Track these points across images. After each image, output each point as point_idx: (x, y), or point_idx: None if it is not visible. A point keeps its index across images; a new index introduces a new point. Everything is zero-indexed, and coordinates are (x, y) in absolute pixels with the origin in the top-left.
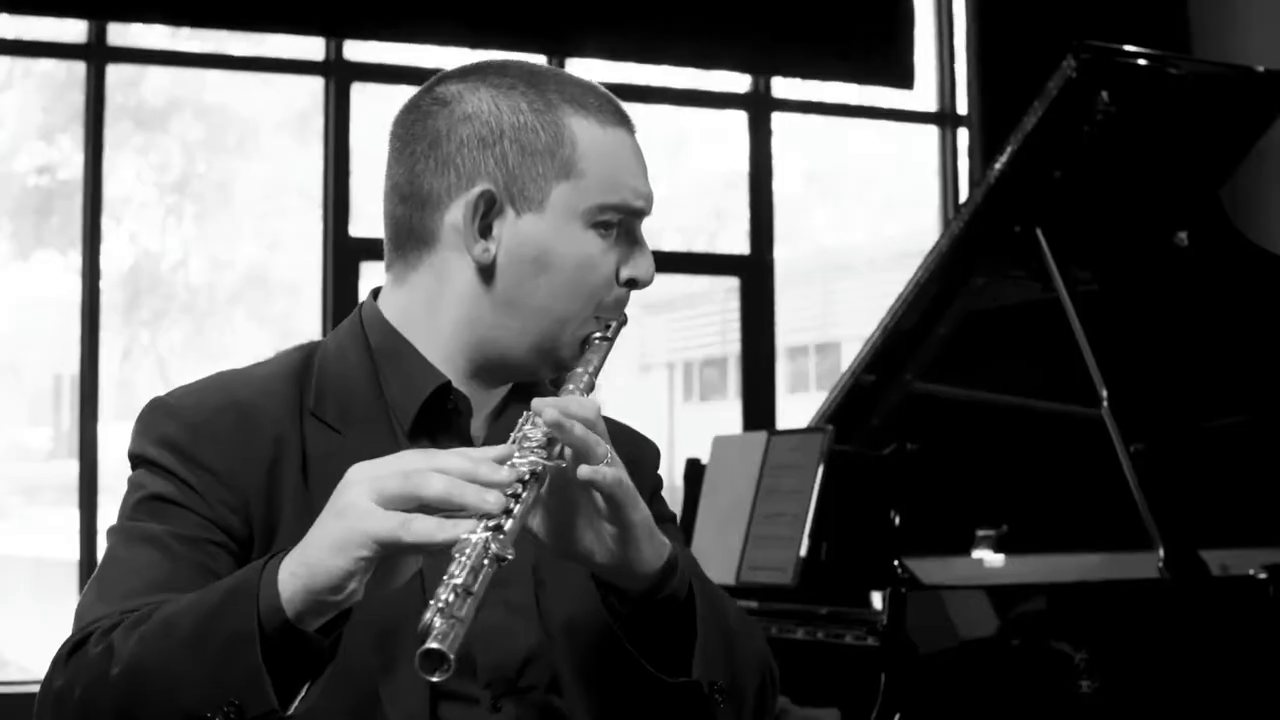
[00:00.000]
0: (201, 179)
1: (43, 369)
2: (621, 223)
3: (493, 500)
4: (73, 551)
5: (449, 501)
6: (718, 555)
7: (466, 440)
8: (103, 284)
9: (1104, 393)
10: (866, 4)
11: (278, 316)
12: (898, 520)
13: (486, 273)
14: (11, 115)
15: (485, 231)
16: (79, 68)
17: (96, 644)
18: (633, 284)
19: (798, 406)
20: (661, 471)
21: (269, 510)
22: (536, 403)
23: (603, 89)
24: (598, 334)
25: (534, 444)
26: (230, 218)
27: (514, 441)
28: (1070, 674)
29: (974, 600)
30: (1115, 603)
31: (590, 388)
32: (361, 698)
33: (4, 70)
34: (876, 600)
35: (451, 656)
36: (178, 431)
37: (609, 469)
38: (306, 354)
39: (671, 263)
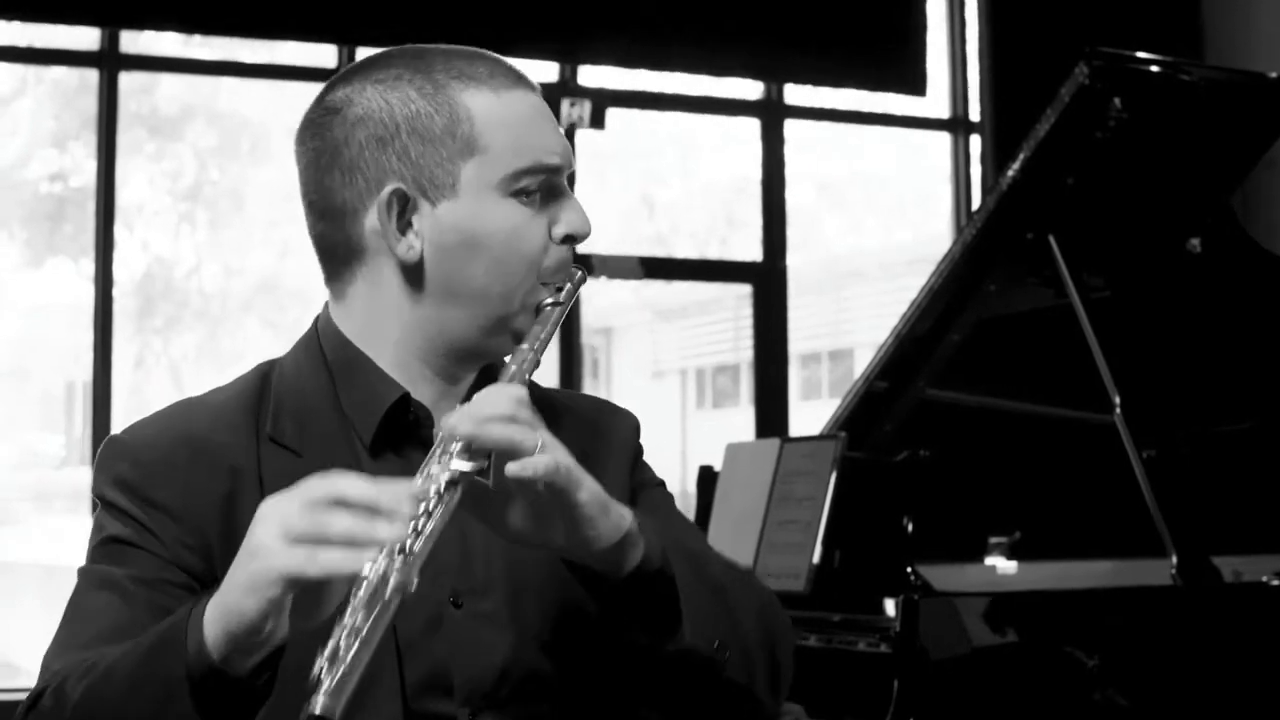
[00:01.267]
0: (214, 186)
1: (55, 376)
2: (541, 184)
3: (396, 533)
4: (84, 559)
5: (352, 539)
6: None
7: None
8: (115, 291)
9: (1116, 399)
10: (879, 11)
11: (290, 323)
12: (910, 527)
13: (416, 270)
14: (25, 122)
15: (405, 229)
16: (92, 75)
17: (50, 699)
18: (570, 239)
19: (810, 413)
20: (674, 478)
21: (227, 545)
22: (445, 421)
23: (493, 55)
24: (548, 301)
25: (455, 452)
26: (243, 225)
27: (432, 459)
28: (1083, 681)
29: (986, 607)
30: (1128, 610)
31: (535, 363)
32: None
33: (17, 78)
34: (889, 607)
35: (336, 715)
36: (130, 471)
37: (539, 458)
38: (263, 375)
39: (684, 269)
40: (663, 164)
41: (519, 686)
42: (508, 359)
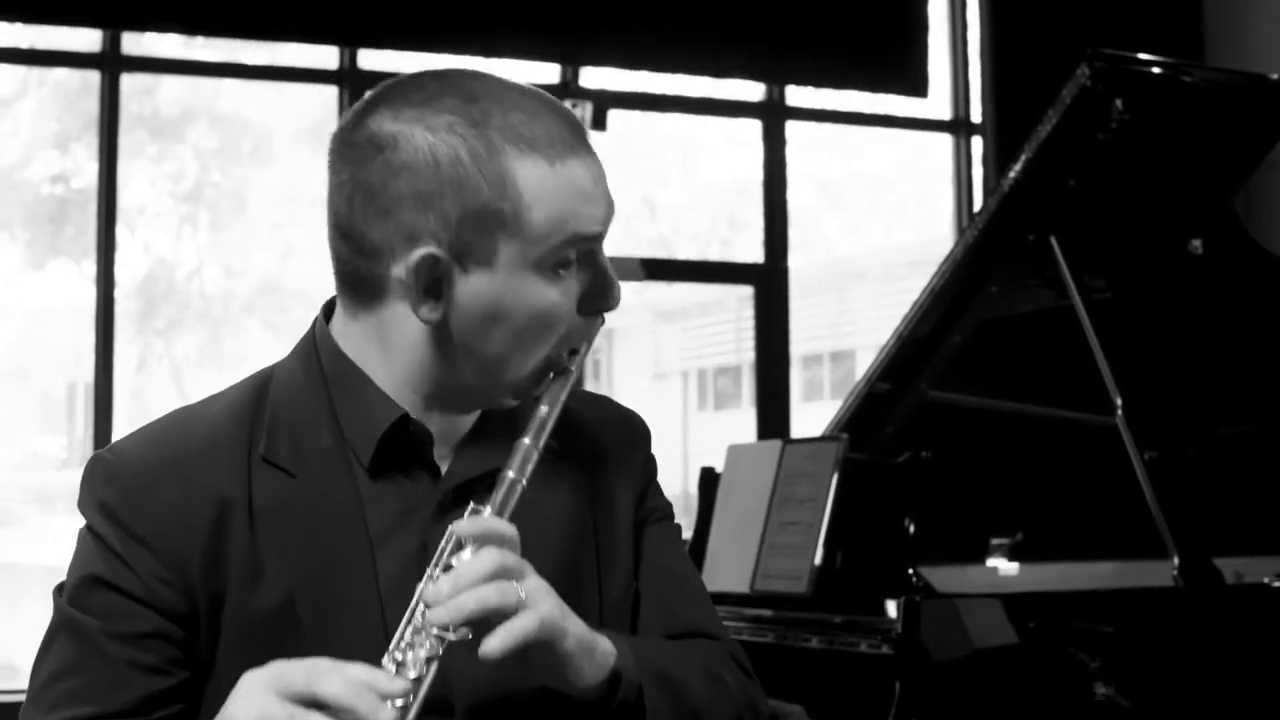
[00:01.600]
0: (216, 188)
1: (57, 378)
2: (579, 252)
3: (386, 715)
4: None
5: (340, 703)
6: (732, 564)
7: (432, 469)
8: (117, 293)
9: (1118, 400)
10: (880, 12)
11: (292, 325)
12: (912, 529)
13: (437, 328)
14: (26, 124)
15: (432, 291)
16: (93, 77)
17: None
18: (597, 312)
19: (812, 415)
20: (675, 480)
21: (213, 576)
22: (429, 593)
23: (551, 105)
24: (556, 370)
25: (425, 633)
26: (244, 226)
27: (406, 625)
28: (1085, 682)
29: (988, 609)
30: (1130, 611)
31: (549, 432)
32: None
33: (19, 79)
34: (891, 609)
35: None
36: (114, 497)
37: (519, 624)
38: (259, 386)
39: (685, 271)
40: (664, 165)
41: (521, 709)
42: (524, 427)
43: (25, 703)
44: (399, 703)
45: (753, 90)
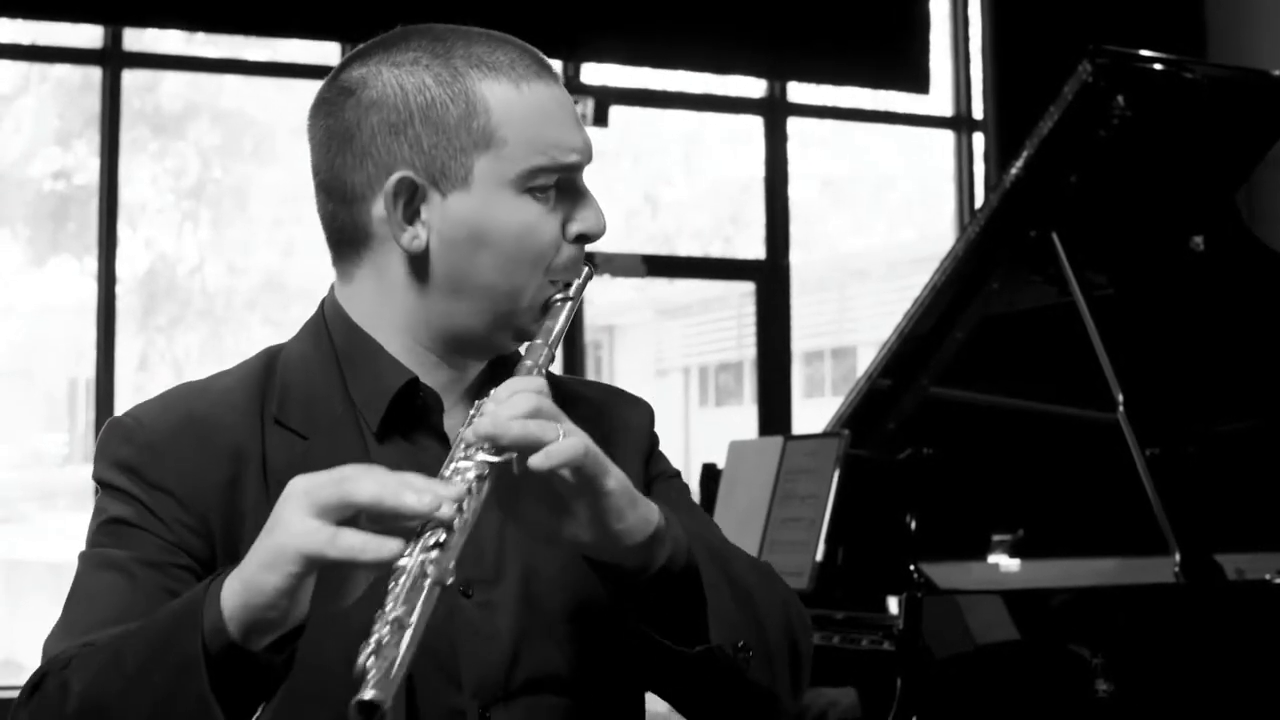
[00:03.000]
0: (217, 184)
1: (59, 374)
2: (558, 181)
3: (428, 501)
4: (84, 545)
5: (380, 504)
6: None
7: (441, 436)
8: (119, 289)
9: (1120, 397)
10: (882, 9)
11: (294, 322)
12: (913, 525)
13: (421, 260)
14: (28, 120)
15: (412, 218)
16: (95, 73)
17: (54, 680)
18: (583, 238)
19: (813, 411)
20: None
21: (230, 528)
22: (464, 433)
23: (517, 41)
24: (558, 296)
25: (475, 449)
26: (246, 223)
27: (453, 460)
28: (1086, 679)
29: (990, 605)
30: (1131, 607)
31: (550, 358)
32: (335, 717)
33: (20, 75)
34: (892, 605)
35: (387, 704)
36: (133, 454)
37: (564, 442)
38: (268, 359)
39: (687, 268)
40: (666, 162)
41: (529, 680)
42: (522, 351)
43: (54, 633)
44: (449, 497)
45: (755, 87)
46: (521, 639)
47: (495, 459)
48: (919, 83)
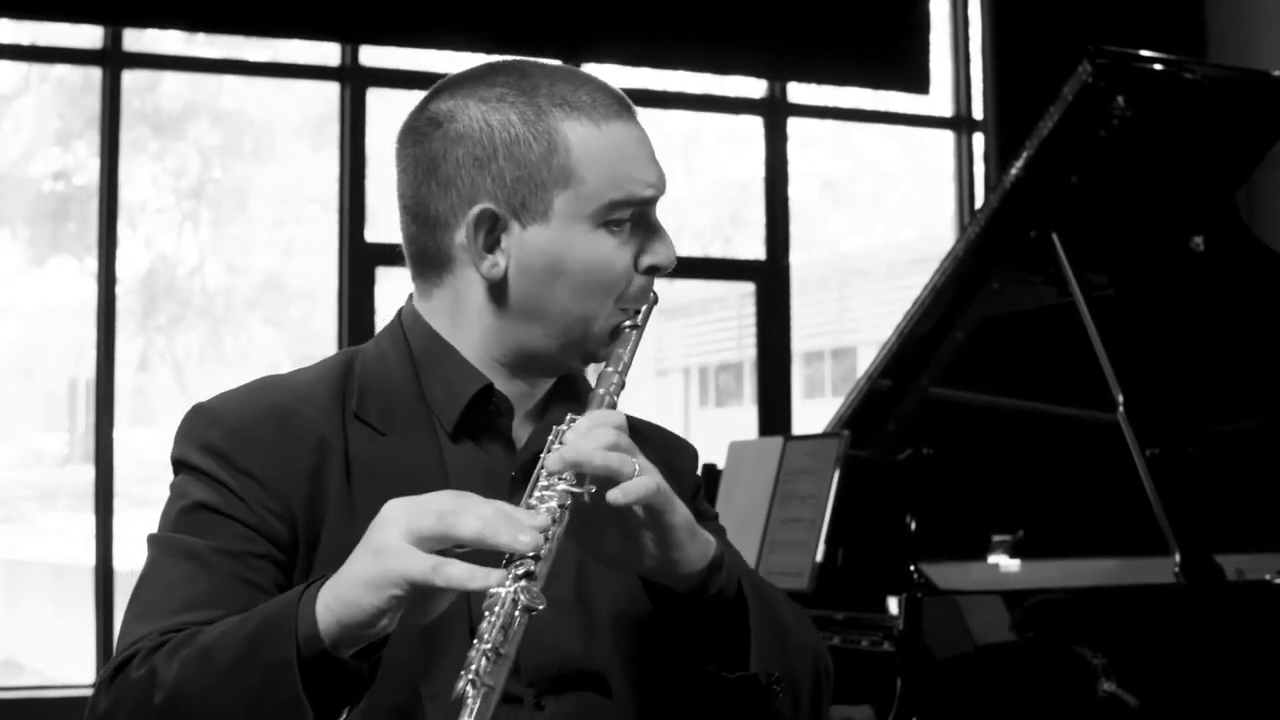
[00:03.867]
0: (217, 184)
1: (59, 374)
2: (633, 215)
3: (526, 541)
4: (88, 557)
5: (482, 541)
6: None
7: (508, 442)
8: (119, 289)
9: (1120, 397)
10: (882, 9)
11: (294, 322)
12: (913, 525)
13: (499, 286)
14: (28, 121)
15: (492, 247)
16: (95, 73)
17: (139, 667)
18: (654, 270)
19: (813, 412)
20: None
21: (312, 515)
22: (549, 460)
23: (598, 80)
24: (626, 323)
25: (557, 477)
26: (246, 223)
27: (534, 489)
28: (1086, 679)
29: (990, 605)
30: (1131, 608)
31: (621, 385)
32: (403, 697)
33: (20, 76)
34: (893, 605)
35: None
36: (220, 437)
37: (640, 480)
38: (347, 360)
39: (687, 268)
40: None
41: (580, 674)
42: (594, 381)
43: (129, 617)
44: (541, 530)
45: (755, 87)
46: (573, 636)
47: (577, 489)
48: (919, 83)
